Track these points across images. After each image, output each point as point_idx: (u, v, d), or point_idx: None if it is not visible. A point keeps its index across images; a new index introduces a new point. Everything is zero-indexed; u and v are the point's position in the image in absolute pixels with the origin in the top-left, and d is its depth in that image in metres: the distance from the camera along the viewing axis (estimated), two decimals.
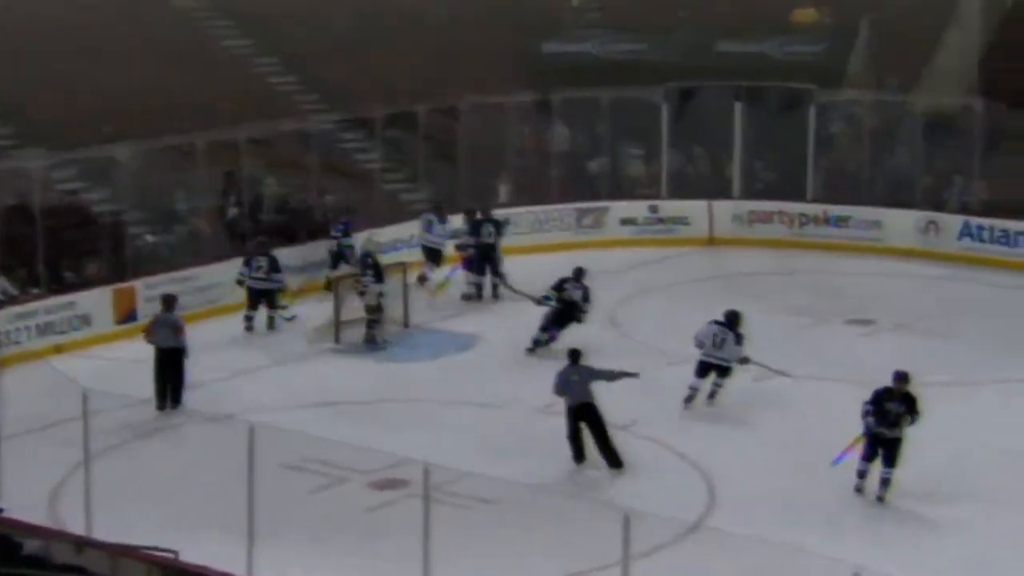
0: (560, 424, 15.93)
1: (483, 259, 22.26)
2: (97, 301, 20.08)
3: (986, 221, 24.17)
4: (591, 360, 15.89)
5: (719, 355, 17.30)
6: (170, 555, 10.79)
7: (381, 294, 19.91)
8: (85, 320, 19.87)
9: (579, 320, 19.68)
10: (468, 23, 28.48)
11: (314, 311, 20.74)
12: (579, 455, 15.52)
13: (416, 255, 23.00)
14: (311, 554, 12.85)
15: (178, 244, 22.25)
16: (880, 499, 14.22)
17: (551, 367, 16.25)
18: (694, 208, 25.96)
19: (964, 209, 24.74)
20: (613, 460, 15.34)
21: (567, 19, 30.16)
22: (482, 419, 16.91)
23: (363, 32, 27.88)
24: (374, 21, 28.22)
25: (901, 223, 24.74)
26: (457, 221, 23.09)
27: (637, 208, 25.94)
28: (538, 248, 24.14)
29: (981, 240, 24.11)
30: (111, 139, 22.08)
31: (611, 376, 15.68)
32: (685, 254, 25.01)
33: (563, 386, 15.60)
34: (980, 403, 17.24)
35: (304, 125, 24.85)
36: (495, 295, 22.25)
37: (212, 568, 10.72)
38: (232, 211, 23.11)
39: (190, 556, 10.84)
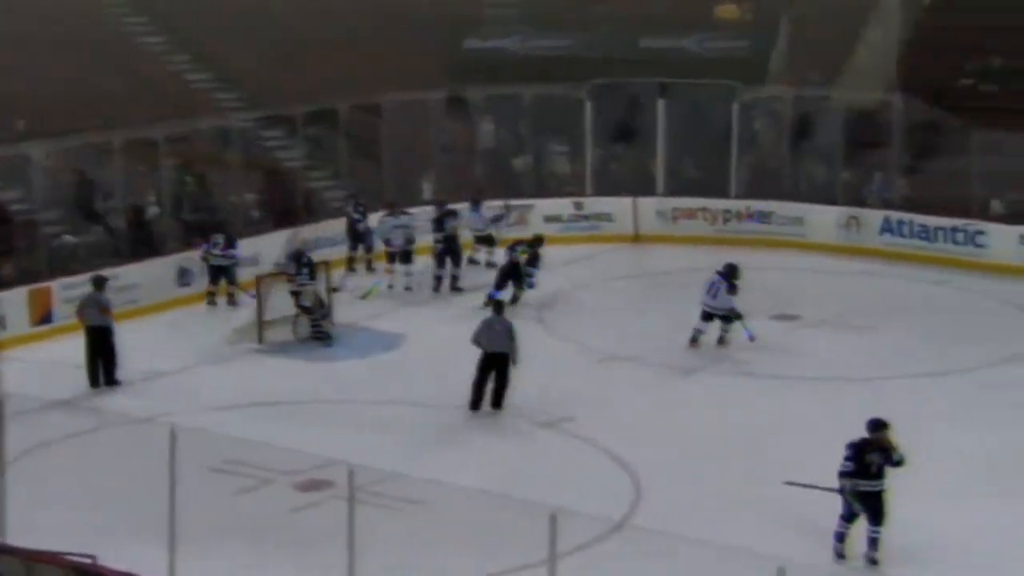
0: (485, 422, 15.91)
1: (447, 252, 22.51)
2: (13, 302, 19.71)
3: (906, 216, 24.43)
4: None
5: (712, 303, 18.92)
6: (87, 560, 10.60)
7: (317, 291, 19.81)
8: (0, 322, 19.49)
9: (529, 285, 21.07)
10: (389, 19, 28.34)
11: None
12: (476, 403, 16.62)
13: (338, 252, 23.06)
14: (233, 557, 12.68)
15: (96, 244, 21.92)
16: (873, 562, 12.79)
17: (468, 364, 16.34)
18: (618, 205, 26.02)
19: (885, 204, 25.00)
20: (497, 404, 16.65)
21: (489, 15, 30.13)
22: (409, 419, 16.80)
23: (281, 29, 27.63)
24: (291, 18, 27.99)
25: (823, 219, 24.96)
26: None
27: (562, 205, 25.96)
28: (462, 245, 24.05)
29: (901, 235, 24.38)
30: (25, 136, 21.71)
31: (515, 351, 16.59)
32: (610, 251, 25.06)
33: (483, 332, 16.64)
34: (906, 397, 17.39)
35: (224, 123, 24.60)
36: (455, 288, 22.27)
37: (132, 573, 10.54)
38: (152, 210, 22.84)
39: (110, 561, 10.65)
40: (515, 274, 21.09)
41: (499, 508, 12.60)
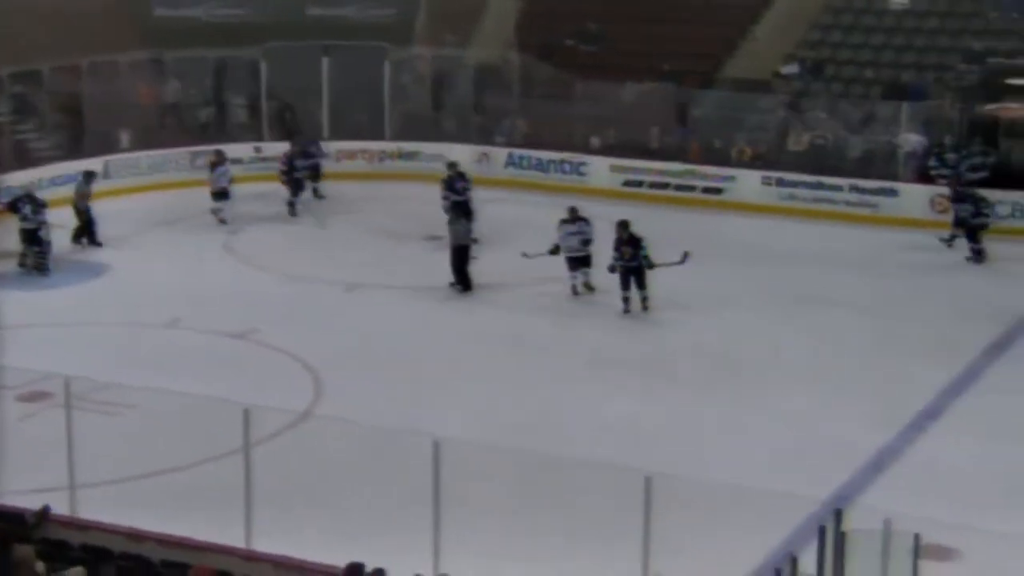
0: (189, 336, 15.69)
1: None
2: None
3: (526, 152, 25.35)
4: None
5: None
6: None
7: (44, 224, 19.07)
8: None
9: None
10: None
11: None
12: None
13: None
14: None
15: None
16: None
17: (167, 288, 15.89)
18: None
19: (509, 143, 25.85)
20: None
21: None
22: (119, 337, 16.40)
23: None
24: None
25: (460, 155, 25.39)
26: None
27: (243, 149, 25.51)
28: (157, 186, 23.44)
29: (522, 168, 25.29)
30: None
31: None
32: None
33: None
34: (526, 297, 18.20)
35: None
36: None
37: None
38: None
39: None
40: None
41: (201, 407, 12.56)
